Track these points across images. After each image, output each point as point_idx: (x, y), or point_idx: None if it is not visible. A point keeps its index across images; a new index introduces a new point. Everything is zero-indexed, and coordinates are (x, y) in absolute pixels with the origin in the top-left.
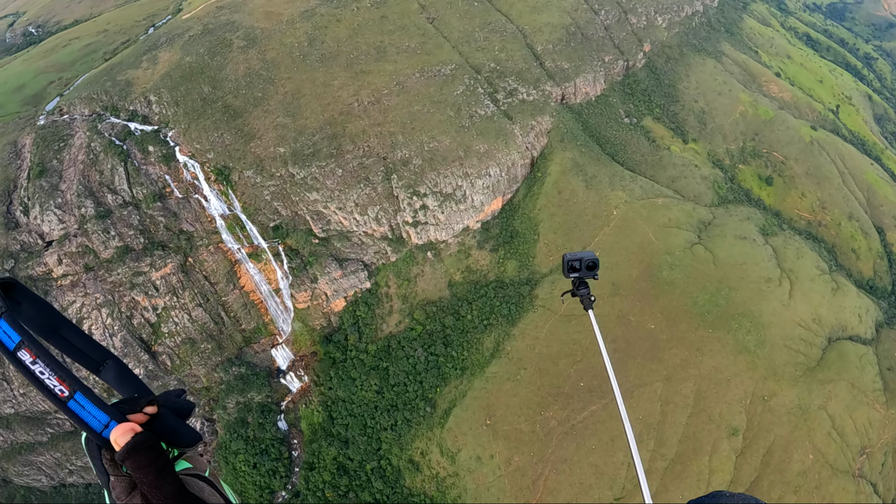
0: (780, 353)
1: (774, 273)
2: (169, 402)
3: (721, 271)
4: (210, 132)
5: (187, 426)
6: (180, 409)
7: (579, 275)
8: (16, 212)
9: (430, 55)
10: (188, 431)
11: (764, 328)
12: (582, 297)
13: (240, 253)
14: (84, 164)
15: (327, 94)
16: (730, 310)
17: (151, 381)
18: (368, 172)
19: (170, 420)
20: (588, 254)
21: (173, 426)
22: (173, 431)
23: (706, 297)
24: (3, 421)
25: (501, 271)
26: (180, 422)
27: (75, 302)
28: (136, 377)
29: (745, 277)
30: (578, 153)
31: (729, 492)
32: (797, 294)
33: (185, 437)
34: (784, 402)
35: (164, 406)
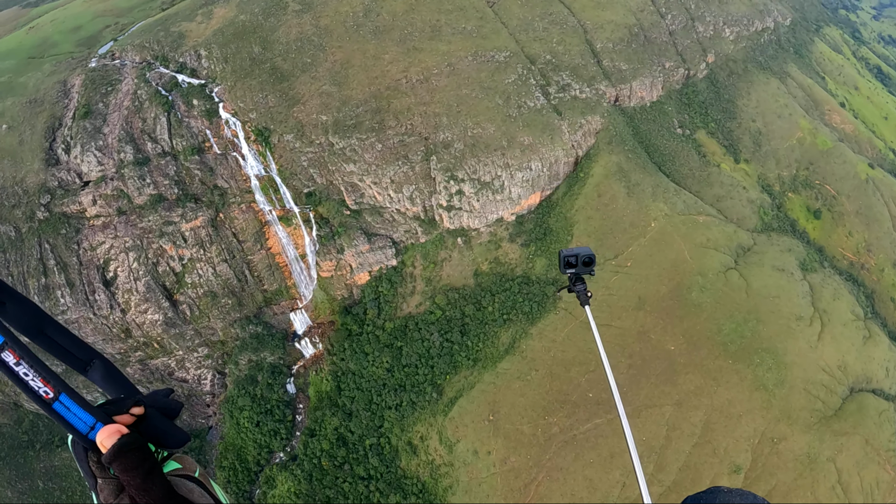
0: (799, 396)
1: (807, 311)
2: (156, 402)
3: (752, 301)
4: (255, 92)
5: (175, 427)
6: (168, 409)
7: (576, 271)
8: (58, 149)
9: (485, 39)
10: (176, 432)
11: (786, 368)
12: (578, 294)
13: (270, 215)
14: (129, 111)
15: (376, 68)
16: (754, 343)
17: (169, 329)
18: (408, 151)
19: (157, 421)
20: (584, 249)
21: (161, 427)
22: (161, 432)
23: (732, 326)
24: None
25: (529, 267)
26: (168, 422)
27: (104, 243)
28: (124, 377)
29: (775, 311)
30: (625, 158)
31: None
32: (827, 337)
33: (173, 438)
34: (793, 448)
35: (150, 406)
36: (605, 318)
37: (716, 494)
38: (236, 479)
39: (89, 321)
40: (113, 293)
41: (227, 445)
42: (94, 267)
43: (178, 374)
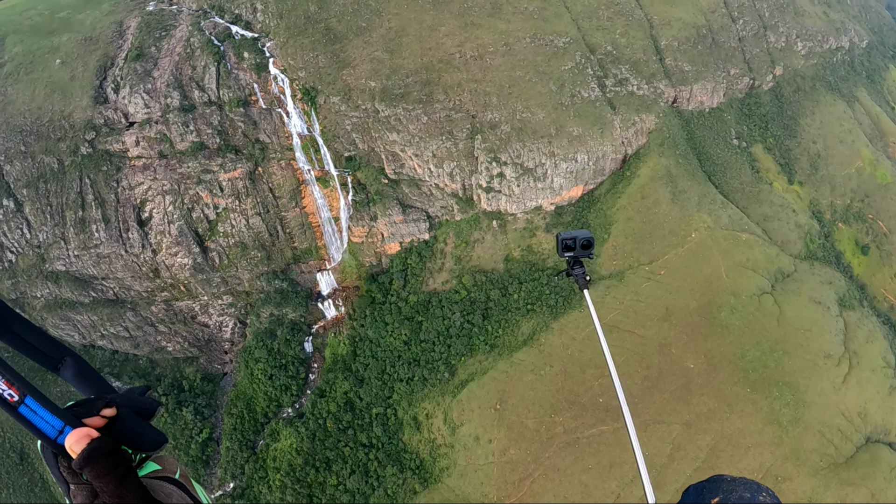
0: (812, 437)
1: (837, 350)
2: (130, 401)
3: (782, 331)
4: (306, 51)
5: (151, 427)
6: (143, 408)
7: (574, 254)
8: (107, 88)
9: (546, 22)
10: (151, 433)
11: (804, 406)
12: (577, 277)
13: (309, 174)
14: (180, 57)
15: (431, 39)
16: (776, 375)
17: (197, 274)
18: (454, 127)
19: (131, 422)
20: (583, 232)
21: (135, 428)
22: (135, 434)
23: (757, 353)
24: (52, 276)
25: (561, 260)
26: (143, 423)
27: (143, 184)
28: (97, 374)
29: (804, 345)
30: (674, 162)
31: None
32: (852, 380)
33: (148, 440)
34: (796, 490)
35: (124, 406)
36: (629, 324)
37: (718, 483)
38: (242, 428)
39: (120, 257)
40: (146, 233)
41: (238, 394)
42: (130, 206)
43: (200, 319)
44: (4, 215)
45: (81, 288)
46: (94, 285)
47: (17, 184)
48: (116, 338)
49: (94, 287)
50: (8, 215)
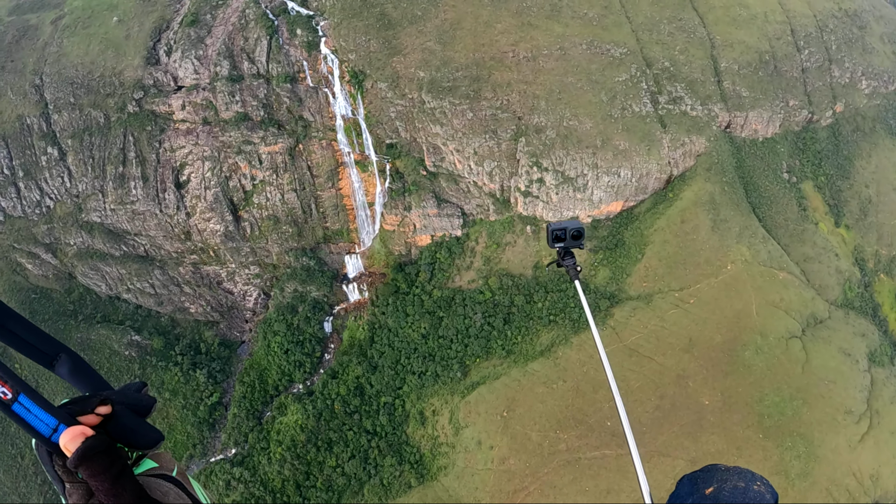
0: (818, 494)
1: (859, 407)
2: (126, 398)
3: (806, 379)
4: (359, 34)
5: (146, 424)
6: (139, 406)
7: (564, 245)
8: (160, 50)
9: (605, 30)
10: (147, 431)
11: (816, 461)
12: (567, 268)
13: (348, 157)
14: (233, 27)
15: (485, 35)
16: (792, 424)
17: (227, 241)
18: (499, 126)
19: (126, 419)
20: (573, 223)
21: (130, 426)
22: (130, 432)
23: (776, 399)
24: (87, 226)
25: (591, 275)
26: (139, 420)
27: (184, 147)
28: (93, 371)
29: (826, 397)
30: (720, 189)
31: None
32: (870, 440)
33: (144, 438)
34: None
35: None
36: (650, 350)
37: (713, 473)
38: (252, 397)
39: (154, 216)
40: (182, 196)
41: (252, 363)
42: (169, 167)
43: (225, 285)
44: (48, 163)
45: (113, 241)
46: (126, 240)
47: (62, 133)
48: (142, 293)
49: (126, 242)
50: (51, 163)
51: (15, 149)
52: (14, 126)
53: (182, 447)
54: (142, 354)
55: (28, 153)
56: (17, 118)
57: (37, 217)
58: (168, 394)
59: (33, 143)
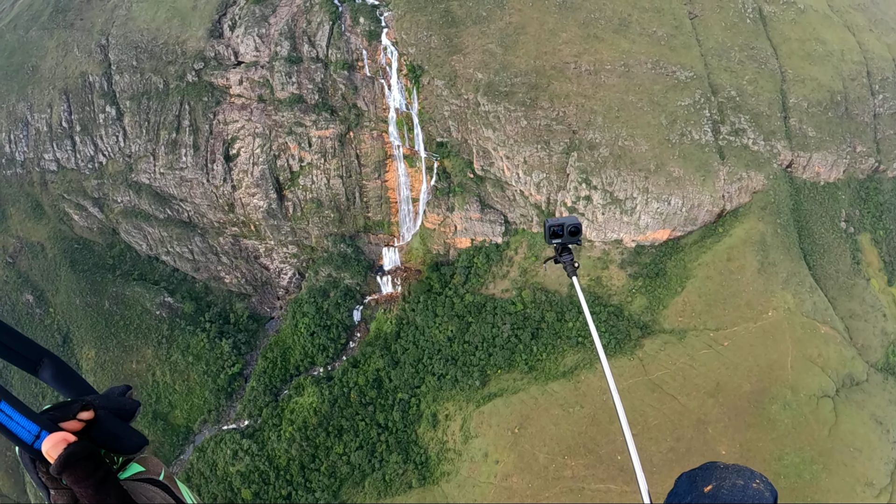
0: None
1: (881, 481)
2: (109, 402)
3: (831, 443)
4: (421, 29)
5: (130, 429)
6: (122, 410)
7: (562, 241)
8: (224, 24)
9: (672, 51)
10: (131, 436)
11: None
12: (565, 265)
13: (397, 150)
14: (298, 9)
15: (549, 43)
16: (808, 490)
17: (269, 219)
18: (552, 138)
19: (110, 424)
20: (571, 219)
21: (114, 431)
22: (114, 437)
23: (796, 460)
24: (135, 186)
25: (627, 301)
26: (122, 425)
27: (237, 122)
28: (77, 375)
29: (848, 466)
30: (772, 231)
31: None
32: None
33: (128, 443)
34: None
35: (102, 408)
36: (674, 388)
37: (711, 471)
38: (272, 373)
39: (201, 185)
40: (230, 168)
41: (277, 340)
42: (221, 139)
43: (262, 260)
44: (105, 121)
45: (159, 203)
46: (172, 204)
47: (122, 95)
48: (180, 257)
49: (171, 206)
50: (108, 121)
51: (75, 104)
52: (77, 82)
53: (197, 411)
54: (172, 316)
55: (87, 109)
56: (81, 75)
57: (88, 171)
58: (192, 357)
59: (93, 100)
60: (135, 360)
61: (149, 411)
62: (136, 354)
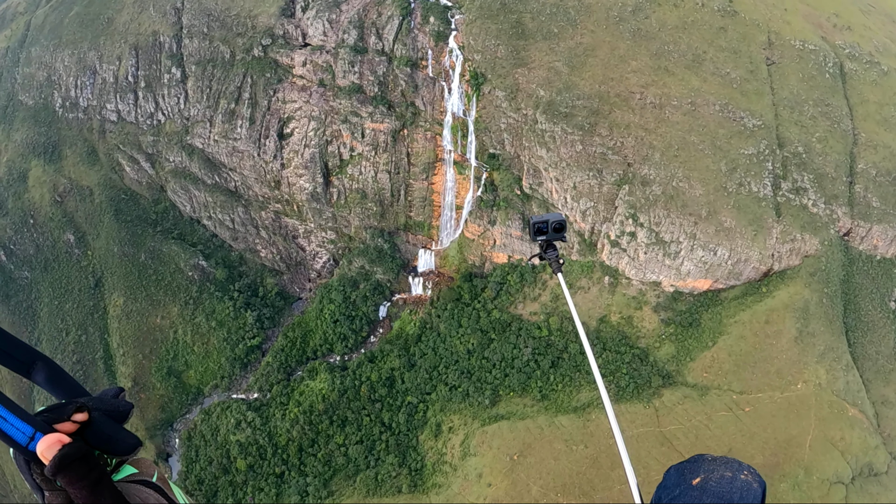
0: None
1: None
2: (103, 405)
3: None
4: (490, 36)
5: (124, 431)
6: (116, 412)
7: (546, 237)
8: (297, 5)
9: (743, 96)
10: (125, 437)
11: None
12: (550, 261)
13: (448, 155)
14: (371, 0)
15: (617, 69)
16: None
17: (312, 202)
18: (605, 167)
19: (104, 426)
20: (556, 215)
21: (108, 433)
22: (108, 438)
23: None
24: (188, 148)
25: (655, 346)
26: (116, 426)
27: (295, 102)
28: (70, 378)
29: None
30: (818, 300)
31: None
32: None
33: (122, 444)
34: None
35: (96, 410)
36: (684, 446)
37: (700, 463)
38: (289, 353)
39: (251, 158)
40: (282, 146)
41: (301, 321)
42: (277, 117)
43: (300, 241)
44: (169, 81)
45: (209, 169)
46: (221, 172)
47: (189, 59)
48: (221, 224)
49: (220, 173)
50: (172, 82)
51: (143, 60)
52: (148, 40)
53: (211, 375)
54: (203, 280)
55: (154, 68)
56: (153, 34)
57: (146, 127)
58: (215, 323)
59: (161, 60)
60: (160, 315)
61: (164, 366)
62: (162, 310)
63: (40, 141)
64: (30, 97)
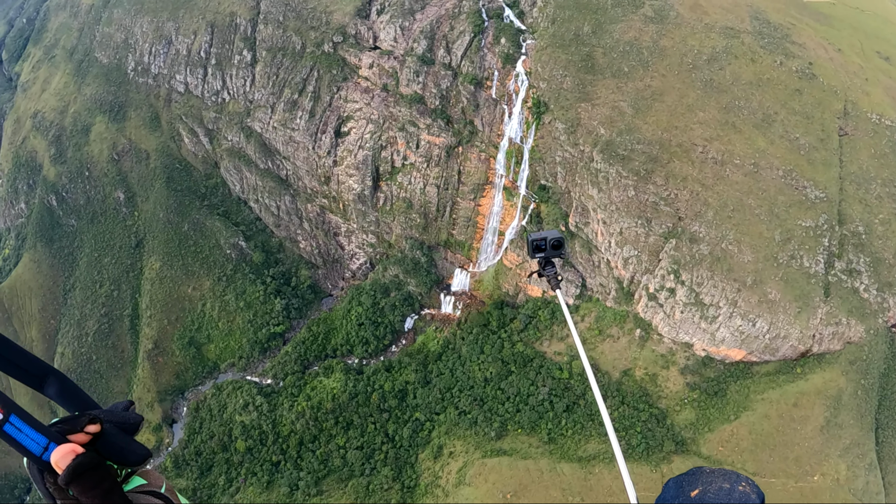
0: None
1: None
2: (114, 417)
3: None
4: (558, 67)
5: (134, 442)
6: (126, 424)
7: (545, 254)
8: (372, 8)
9: (810, 165)
10: (135, 448)
11: None
12: (548, 277)
13: (499, 179)
14: (446, 12)
15: (683, 118)
16: None
17: (358, 203)
18: (655, 217)
19: (115, 437)
20: (553, 233)
21: (119, 444)
22: (119, 449)
23: None
24: (246, 130)
25: (675, 410)
26: (127, 438)
27: (356, 103)
28: (82, 391)
29: None
30: (852, 391)
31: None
32: None
33: (133, 455)
34: None
35: (108, 422)
36: None
37: (698, 476)
38: (309, 346)
39: (306, 149)
40: (337, 144)
41: (327, 318)
42: (336, 114)
43: (340, 239)
44: (239, 63)
45: (263, 153)
46: (274, 158)
47: (261, 44)
48: (266, 209)
49: (274, 159)
50: (241, 64)
51: (218, 39)
52: (225, 20)
53: (230, 353)
54: (239, 259)
55: (226, 47)
56: (230, 14)
57: (210, 103)
58: (243, 304)
59: (234, 41)
60: (192, 286)
61: (187, 335)
62: (195, 281)
63: (108, 99)
64: (105, 56)
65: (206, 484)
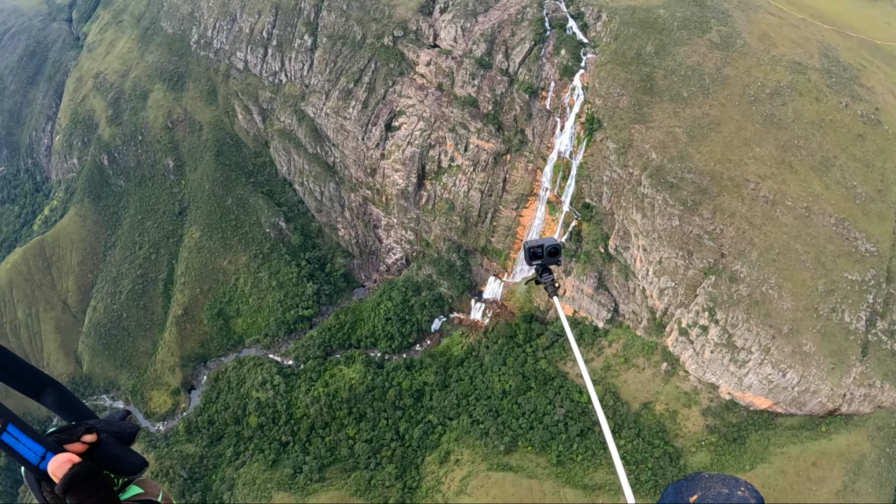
0: None
1: None
2: (111, 427)
3: None
4: (617, 84)
5: (131, 452)
6: (122, 433)
7: (542, 262)
8: (437, 5)
9: (864, 215)
10: (131, 458)
11: None
12: (546, 284)
13: (544, 192)
14: (508, 17)
15: (738, 151)
16: None
17: (400, 199)
18: (697, 251)
19: (111, 447)
20: (549, 240)
21: (115, 453)
22: (115, 459)
23: None
24: (300, 113)
25: (692, 450)
26: (123, 447)
27: (410, 98)
28: (78, 401)
29: None
30: (876, 458)
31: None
32: None
33: (128, 465)
34: None
35: (104, 432)
36: None
37: (697, 481)
38: (335, 334)
39: (355, 139)
40: (386, 137)
41: (356, 308)
42: (389, 108)
43: (380, 231)
44: (299, 47)
45: (313, 138)
46: (324, 144)
47: (322, 31)
48: (310, 193)
49: (323, 145)
50: (301, 48)
51: (281, 21)
52: (289, 3)
53: (256, 329)
54: (278, 239)
55: (288, 30)
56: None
57: (267, 83)
58: (276, 283)
59: (297, 25)
60: (228, 259)
61: (217, 307)
62: (232, 255)
63: (168, 68)
64: (170, 26)
65: (213, 453)
